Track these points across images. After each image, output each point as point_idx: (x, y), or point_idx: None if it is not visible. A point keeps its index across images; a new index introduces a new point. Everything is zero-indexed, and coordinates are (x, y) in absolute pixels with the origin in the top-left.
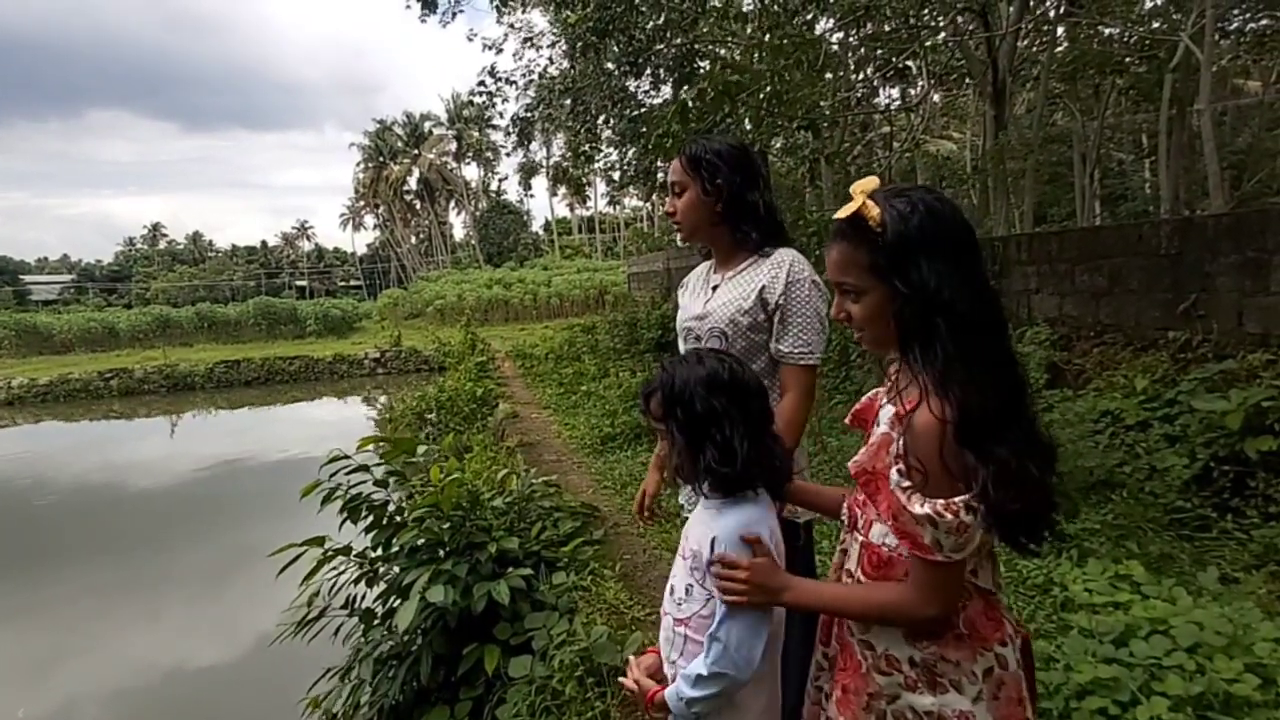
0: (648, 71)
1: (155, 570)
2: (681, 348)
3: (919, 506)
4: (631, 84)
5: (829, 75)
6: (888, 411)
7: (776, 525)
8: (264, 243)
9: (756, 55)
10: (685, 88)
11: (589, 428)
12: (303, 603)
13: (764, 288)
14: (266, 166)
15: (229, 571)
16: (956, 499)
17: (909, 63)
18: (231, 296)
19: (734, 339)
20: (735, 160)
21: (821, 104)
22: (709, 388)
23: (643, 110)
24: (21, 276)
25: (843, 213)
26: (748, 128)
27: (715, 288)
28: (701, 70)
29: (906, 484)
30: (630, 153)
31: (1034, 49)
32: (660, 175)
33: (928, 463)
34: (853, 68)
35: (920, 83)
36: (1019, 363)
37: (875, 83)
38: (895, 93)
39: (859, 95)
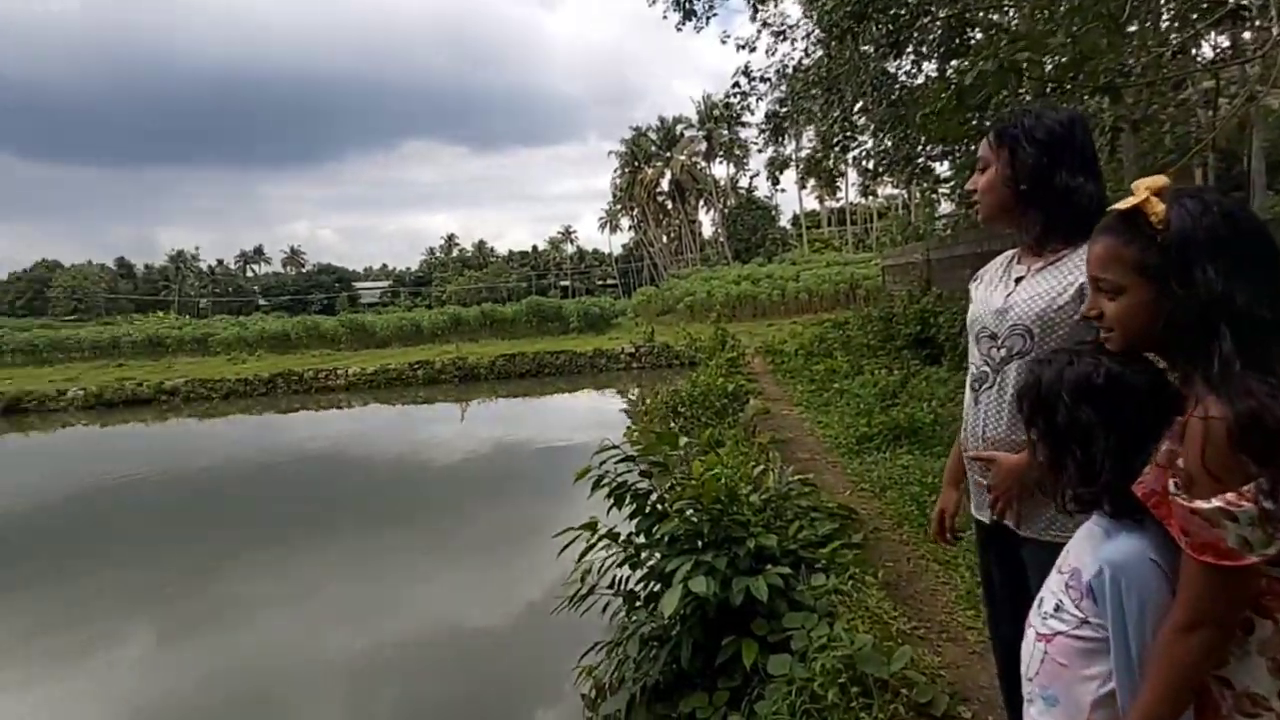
0: (909, 50)
1: (444, 537)
2: (972, 349)
3: (1210, 502)
4: (891, 65)
5: (1133, 28)
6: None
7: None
8: (534, 247)
9: (1045, 18)
10: (953, 63)
11: (843, 426)
12: (574, 578)
13: (1086, 283)
14: (538, 179)
15: (502, 544)
16: (1247, 486)
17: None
18: (508, 296)
19: (1042, 338)
20: (1048, 138)
21: (1128, 62)
22: (1076, 395)
23: (903, 92)
24: (354, 284)
25: (1123, 205)
26: (1028, 100)
27: (1019, 280)
28: (972, 42)
29: (1184, 494)
30: (887, 138)
31: None
32: (922, 160)
33: (1211, 466)
34: (1167, 15)
35: (1258, 23)
36: None
37: (1199, 29)
38: (1225, 40)
39: (1174, 48)
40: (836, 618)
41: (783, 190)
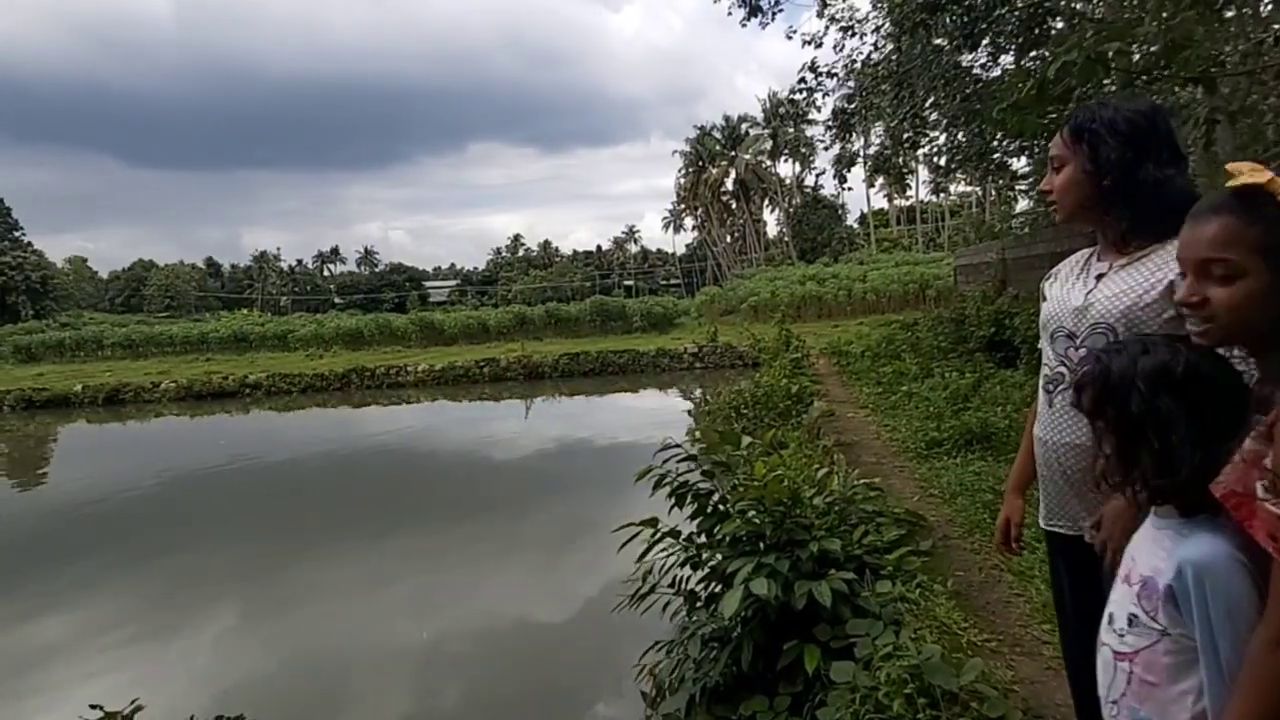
0: (985, 42)
1: (507, 532)
2: (1046, 349)
3: None
4: (965, 59)
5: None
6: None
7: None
8: (599, 247)
9: (1133, 5)
10: (1032, 54)
11: (911, 430)
12: (635, 576)
13: (1176, 281)
14: (603, 179)
15: (564, 540)
16: None
17: None
18: (572, 296)
19: (1126, 337)
20: (1131, 130)
21: (1224, 50)
22: (1154, 384)
23: (978, 86)
24: (423, 283)
25: (1243, 180)
26: (1113, 92)
27: (1100, 277)
28: (1052, 32)
29: (1275, 497)
30: (960, 134)
31: None
32: (997, 155)
33: None
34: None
35: None
36: None
37: None
38: None
39: (1276, 35)
40: (903, 626)
41: (849, 189)
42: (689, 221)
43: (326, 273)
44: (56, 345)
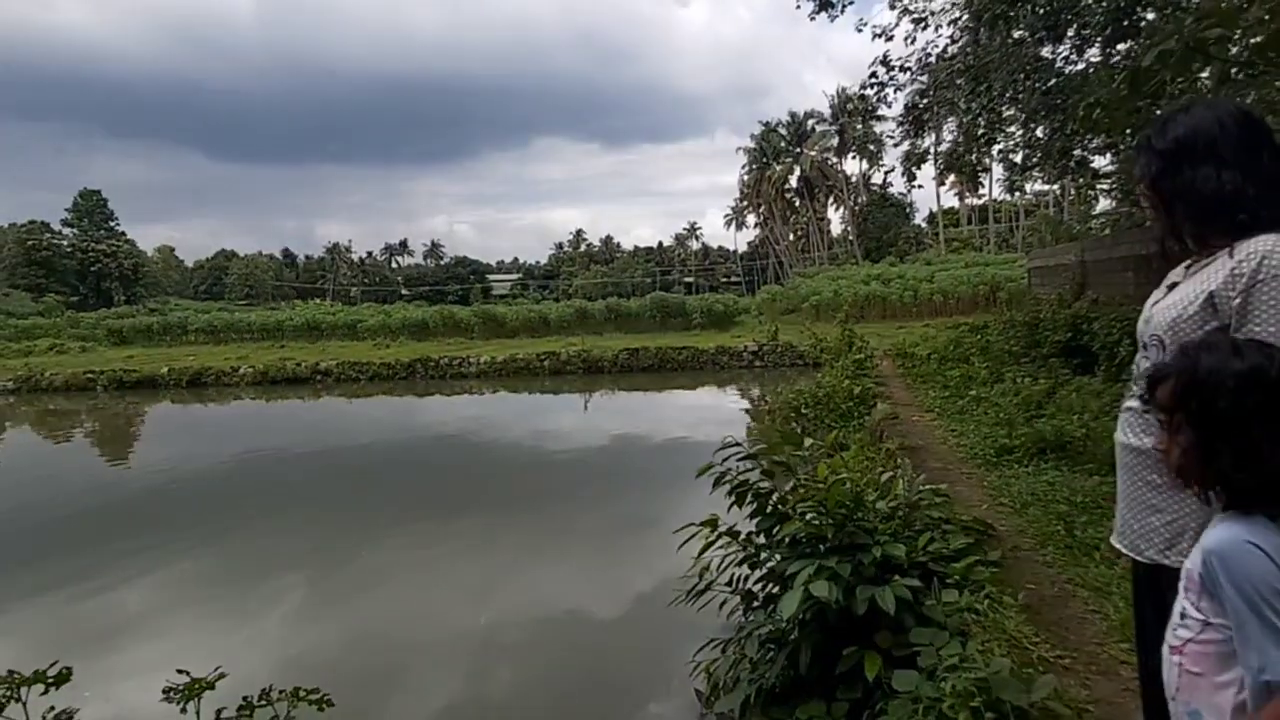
0: (1069, 34)
1: (564, 523)
2: (1138, 355)
3: None
4: (1046, 51)
5: None
6: None
7: None
8: (660, 243)
9: None
10: (1120, 46)
11: (980, 437)
12: (693, 573)
13: (1215, 291)
14: (665, 175)
15: (619, 534)
16: None
17: None
18: (633, 291)
19: (1173, 349)
20: (1192, 134)
21: None
22: (1242, 385)
23: (1061, 80)
24: (487, 276)
25: None
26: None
27: (1172, 287)
28: (1142, 24)
29: None
30: (1040, 130)
31: None
32: (1078, 153)
33: None
34: None
35: None
36: None
37: None
38: None
39: None
40: (970, 637)
41: (919, 186)
42: (751, 219)
43: (395, 265)
44: (145, 329)
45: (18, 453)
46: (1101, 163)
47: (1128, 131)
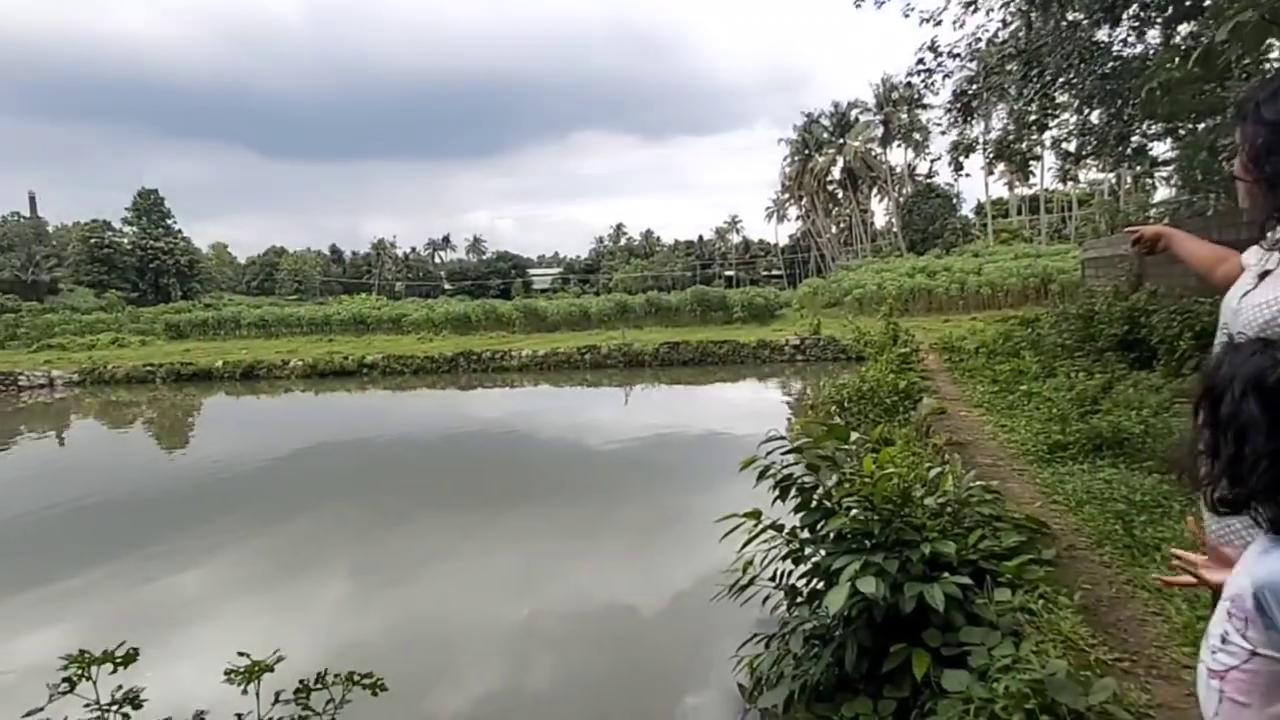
0: (1127, 16)
1: (603, 516)
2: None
3: None
4: (1102, 34)
5: None
6: None
7: None
8: (700, 237)
9: None
10: (1184, 27)
11: (1031, 432)
12: (735, 567)
13: None
14: (705, 168)
15: (658, 528)
16: None
17: None
18: (673, 285)
19: None
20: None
21: None
22: (1245, 387)
23: (1118, 63)
24: (528, 270)
25: None
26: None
27: (1264, 275)
28: (1207, 3)
29: None
30: (1095, 116)
31: None
32: (1136, 138)
33: None
34: None
35: None
36: None
37: None
38: None
39: None
40: (1023, 638)
41: (967, 175)
42: (793, 211)
43: (438, 260)
44: (201, 324)
45: (84, 441)
46: (1161, 149)
47: (1191, 115)
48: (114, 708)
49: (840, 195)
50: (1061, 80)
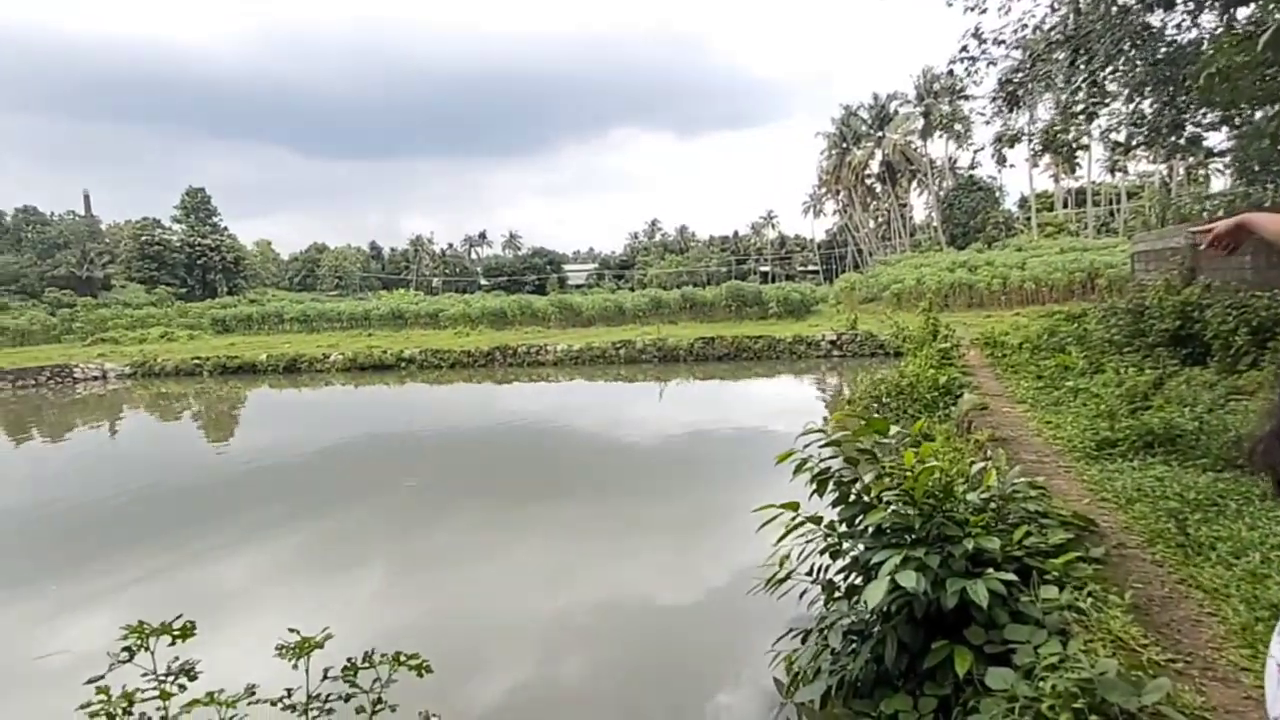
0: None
1: (637, 510)
2: None
3: None
4: (1155, 18)
5: None
6: None
7: None
8: (735, 232)
9: None
10: (1244, 11)
11: (1078, 429)
12: (772, 561)
13: None
14: (740, 163)
15: (692, 522)
16: None
17: None
18: (708, 280)
19: None
20: None
21: None
22: None
23: (1171, 49)
24: (563, 266)
25: None
26: None
27: None
28: None
29: None
30: (1147, 104)
31: None
32: (1190, 128)
33: None
34: None
35: None
36: None
37: None
38: None
39: None
40: (1071, 636)
41: (1011, 166)
42: (830, 206)
43: (474, 255)
44: (246, 319)
45: (137, 432)
46: (1217, 139)
47: (1251, 102)
48: (170, 678)
49: (878, 189)
50: (1111, 68)
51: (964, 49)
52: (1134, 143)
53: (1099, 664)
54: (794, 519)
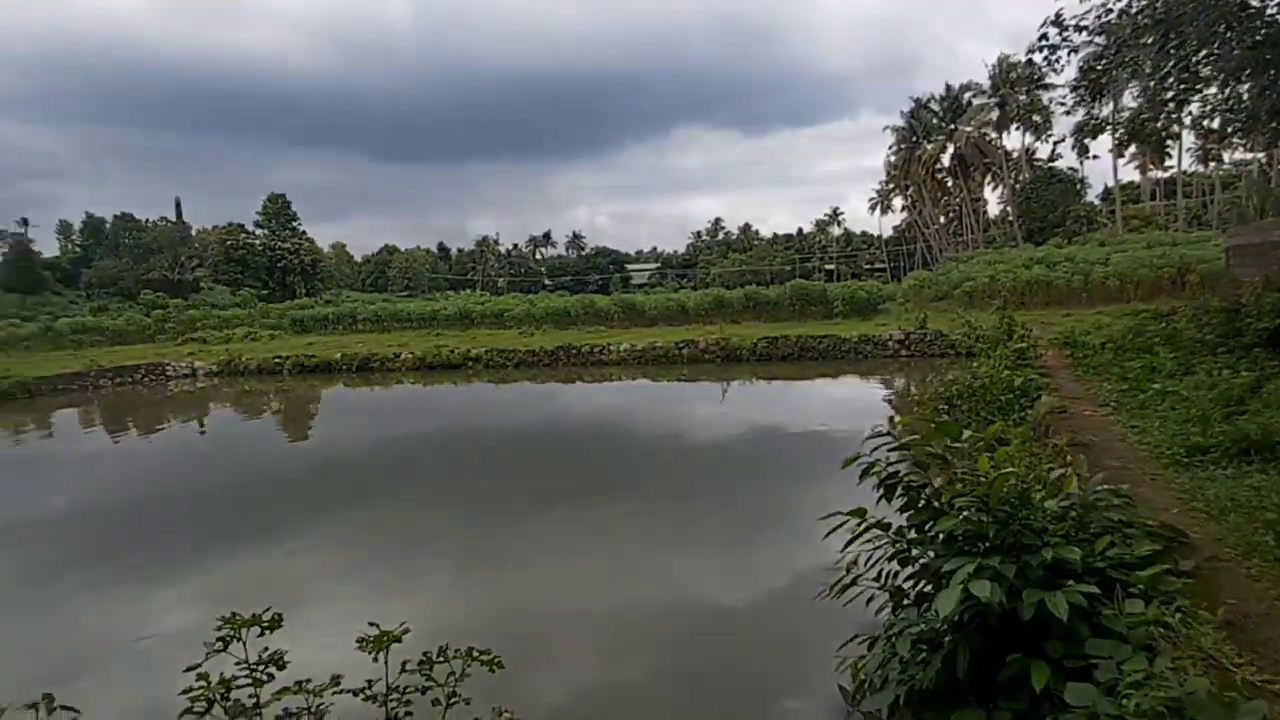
0: None
1: (700, 511)
2: None
3: None
4: None
5: None
6: None
7: None
8: (800, 230)
9: None
10: None
11: (1167, 434)
12: (837, 565)
13: None
14: (806, 160)
15: (755, 525)
16: None
17: None
18: (771, 279)
19: None
20: None
21: None
22: None
23: (1271, 29)
24: (626, 265)
25: None
26: None
27: None
28: None
29: None
30: (1245, 89)
31: None
32: None
33: None
34: None
35: None
36: None
37: None
38: None
39: None
40: (1157, 653)
41: (1095, 157)
42: (898, 202)
43: (538, 256)
44: (322, 319)
45: (223, 428)
46: None
47: None
48: (261, 667)
49: (950, 184)
50: (1205, 52)
51: (1043, 37)
52: (1230, 130)
53: (1188, 683)
54: (860, 524)
